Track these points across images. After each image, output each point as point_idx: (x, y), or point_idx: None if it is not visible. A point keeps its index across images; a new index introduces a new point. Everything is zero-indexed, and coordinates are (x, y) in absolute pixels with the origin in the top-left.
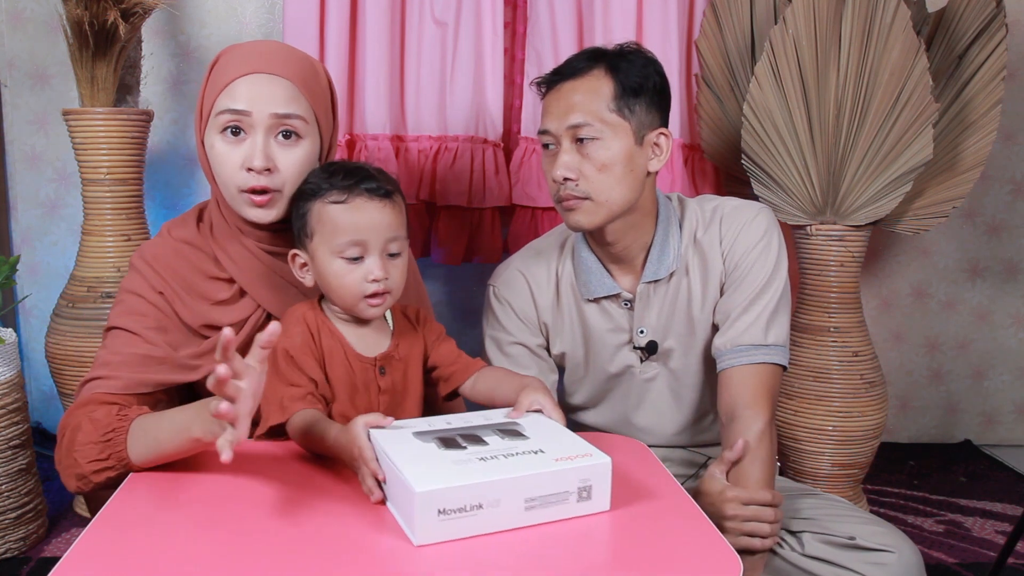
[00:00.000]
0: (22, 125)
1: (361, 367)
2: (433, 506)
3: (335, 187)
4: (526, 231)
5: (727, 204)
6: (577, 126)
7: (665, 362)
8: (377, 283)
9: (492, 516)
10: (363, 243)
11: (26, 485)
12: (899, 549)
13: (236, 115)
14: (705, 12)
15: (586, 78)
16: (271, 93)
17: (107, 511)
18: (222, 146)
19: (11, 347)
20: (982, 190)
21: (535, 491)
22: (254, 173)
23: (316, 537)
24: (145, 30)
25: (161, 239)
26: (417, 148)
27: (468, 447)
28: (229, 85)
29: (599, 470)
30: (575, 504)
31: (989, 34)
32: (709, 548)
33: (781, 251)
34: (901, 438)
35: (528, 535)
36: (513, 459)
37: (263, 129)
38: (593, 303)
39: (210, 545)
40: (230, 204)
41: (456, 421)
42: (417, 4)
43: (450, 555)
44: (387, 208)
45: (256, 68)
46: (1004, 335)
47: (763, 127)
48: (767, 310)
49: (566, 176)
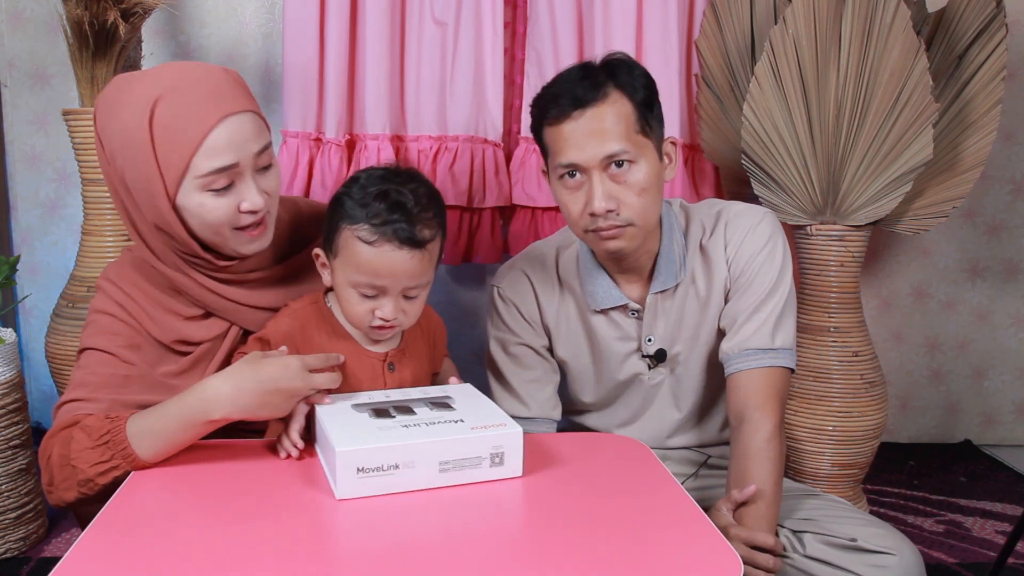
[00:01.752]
0: (22, 125)
1: (369, 362)
2: (352, 464)
3: (369, 220)
4: (526, 231)
5: (731, 209)
6: (614, 155)
7: (671, 368)
8: (385, 320)
9: (408, 476)
10: (380, 288)
11: (26, 485)
12: (900, 552)
13: (223, 172)
14: (705, 12)
15: (607, 103)
16: (250, 132)
17: (107, 511)
18: (212, 202)
19: (11, 347)
20: (982, 190)
21: (449, 455)
22: (252, 213)
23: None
24: (145, 30)
25: (123, 259)
26: (417, 148)
27: (397, 416)
28: (205, 142)
29: (511, 439)
30: (488, 469)
31: (989, 34)
32: (709, 548)
33: (786, 255)
34: (901, 438)
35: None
36: (434, 427)
37: (250, 171)
38: (600, 314)
39: (210, 545)
40: (222, 248)
41: (395, 395)
42: (417, 4)
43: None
44: (415, 259)
45: (224, 111)
46: (1004, 335)
47: (763, 127)
48: (773, 314)
49: (608, 208)
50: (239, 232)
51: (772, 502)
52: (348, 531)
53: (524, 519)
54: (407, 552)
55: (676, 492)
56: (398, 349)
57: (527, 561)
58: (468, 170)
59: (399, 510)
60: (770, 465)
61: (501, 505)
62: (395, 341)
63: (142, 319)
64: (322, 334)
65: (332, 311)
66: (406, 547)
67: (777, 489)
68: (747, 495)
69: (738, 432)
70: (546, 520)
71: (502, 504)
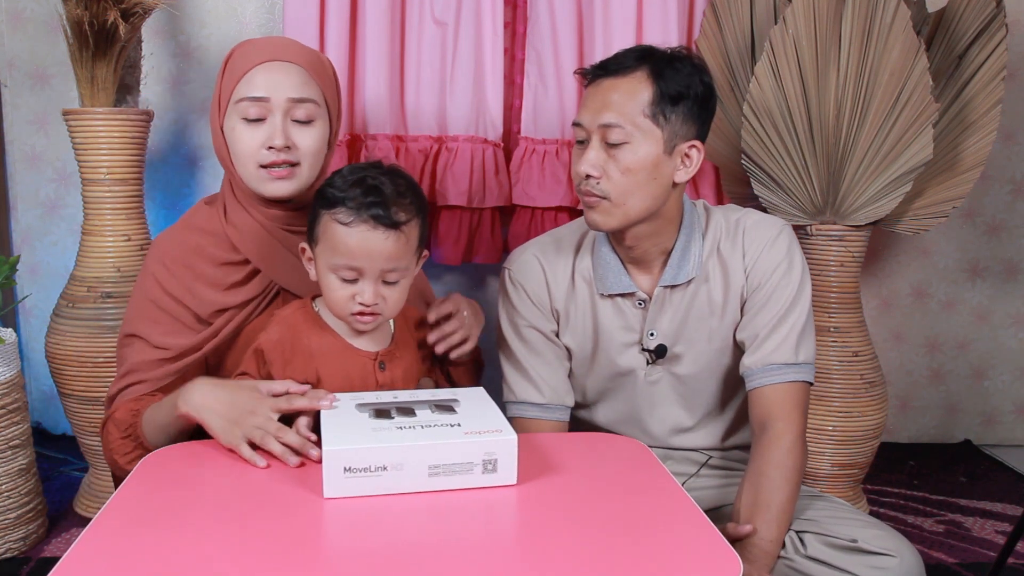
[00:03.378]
0: (22, 125)
1: (360, 361)
2: (340, 463)
3: (346, 204)
4: (526, 231)
5: (749, 218)
6: (608, 126)
7: (671, 367)
8: (364, 306)
9: (396, 478)
10: (358, 269)
11: (26, 485)
12: (900, 554)
13: (255, 102)
14: (705, 12)
15: (627, 78)
16: (286, 79)
17: (107, 512)
18: (243, 129)
19: (11, 347)
20: (982, 190)
21: (438, 459)
22: (274, 151)
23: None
24: (145, 30)
25: (174, 230)
26: (417, 148)
27: (396, 418)
28: (247, 74)
29: (505, 446)
30: (480, 475)
31: (989, 34)
32: (709, 548)
33: (804, 269)
34: (901, 438)
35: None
36: (428, 430)
37: (281, 112)
38: (608, 299)
39: (210, 544)
40: (248, 184)
41: (402, 396)
42: (417, 4)
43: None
44: (390, 240)
45: (271, 56)
46: (1004, 335)
47: (763, 127)
48: (796, 328)
49: (589, 173)
50: (263, 170)
51: (784, 518)
52: (332, 531)
53: (519, 519)
54: (392, 553)
55: (676, 492)
56: (388, 348)
57: (526, 561)
58: (468, 170)
59: (386, 511)
60: (788, 474)
61: (494, 504)
62: (386, 340)
63: (183, 297)
64: (312, 336)
65: (320, 314)
66: (391, 548)
67: (790, 504)
68: (744, 532)
69: (760, 439)
70: (544, 520)
71: (495, 502)
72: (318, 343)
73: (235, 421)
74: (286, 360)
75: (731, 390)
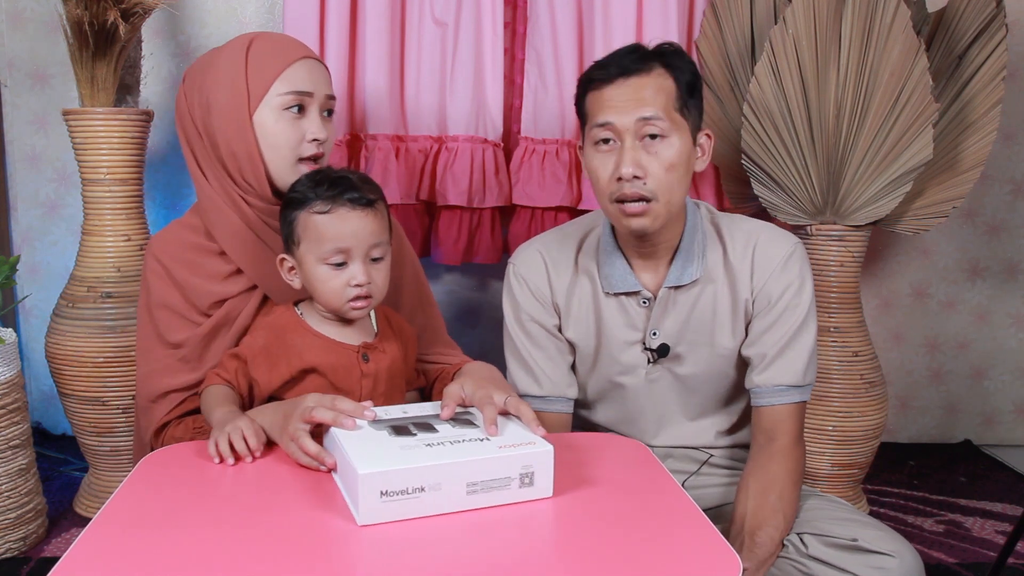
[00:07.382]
0: (22, 125)
1: (344, 353)
2: (376, 487)
3: (320, 197)
4: (526, 231)
5: (761, 233)
6: (647, 119)
7: (672, 367)
8: (360, 287)
9: (434, 499)
10: (346, 250)
11: (26, 485)
12: (900, 554)
13: (300, 96)
14: (705, 12)
15: (652, 75)
16: (323, 77)
17: (106, 512)
18: (282, 122)
19: (11, 347)
20: (982, 190)
21: (476, 476)
22: (316, 143)
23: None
24: (145, 30)
25: (167, 230)
26: (417, 148)
27: (418, 434)
28: (289, 68)
29: (541, 457)
30: (517, 490)
31: (989, 34)
32: (709, 548)
33: (813, 290)
34: (901, 438)
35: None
36: (458, 445)
37: (317, 106)
38: (612, 297)
39: (210, 545)
40: (278, 175)
41: (413, 410)
42: (417, 4)
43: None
44: (369, 217)
45: (305, 53)
46: (1004, 335)
47: (763, 127)
48: (805, 350)
49: (635, 174)
50: (298, 164)
51: (790, 519)
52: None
53: (521, 519)
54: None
55: (676, 492)
56: (371, 342)
57: (525, 561)
58: (468, 170)
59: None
60: (794, 478)
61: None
62: (369, 335)
63: (184, 288)
64: (296, 336)
65: (303, 316)
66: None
67: (794, 506)
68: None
69: (764, 450)
70: (541, 519)
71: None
72: (302, 340)
73: (280, 426)
74: (272, 364)
75: (731, 391)
